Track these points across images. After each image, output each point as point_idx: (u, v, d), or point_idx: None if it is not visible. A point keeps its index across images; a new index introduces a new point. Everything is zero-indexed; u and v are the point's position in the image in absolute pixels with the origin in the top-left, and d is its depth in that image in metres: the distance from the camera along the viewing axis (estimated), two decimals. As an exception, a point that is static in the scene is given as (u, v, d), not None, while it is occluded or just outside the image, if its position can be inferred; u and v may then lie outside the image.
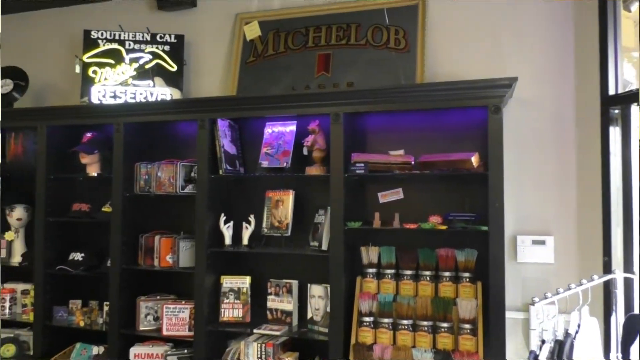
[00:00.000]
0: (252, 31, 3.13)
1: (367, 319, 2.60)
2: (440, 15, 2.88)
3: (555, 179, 2.66)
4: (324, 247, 2.71)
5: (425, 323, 2.52)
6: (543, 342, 1.79)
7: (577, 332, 1.85)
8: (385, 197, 2.82)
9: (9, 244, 3.43)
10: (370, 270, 2.70)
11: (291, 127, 2.85)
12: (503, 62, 2.76)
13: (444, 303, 2.52)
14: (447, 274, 2.59)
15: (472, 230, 2.48)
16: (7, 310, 3.34)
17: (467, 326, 2.45)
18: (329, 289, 2.68)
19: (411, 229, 2.59)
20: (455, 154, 2.52)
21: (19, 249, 3.43)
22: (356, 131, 2.80)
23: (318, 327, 2.75)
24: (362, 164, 2.60)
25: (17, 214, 3.40)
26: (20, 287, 3.38)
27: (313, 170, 2.78)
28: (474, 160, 2.44)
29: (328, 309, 2.68)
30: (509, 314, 2.47)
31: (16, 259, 3.40)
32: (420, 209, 2.71)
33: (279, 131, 2.87)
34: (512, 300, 2.62)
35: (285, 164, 2.78)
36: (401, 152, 2.73)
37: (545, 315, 1.83)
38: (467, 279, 2.55)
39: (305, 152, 2.82)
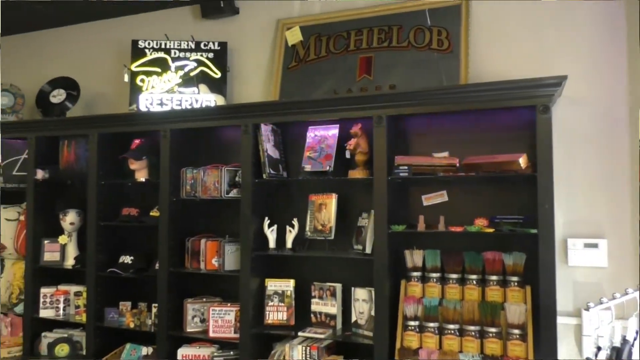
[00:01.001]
0: (294, 36, 3.16)
1: (412, 323, 2.57)
2: (484, 15, 2.84)
3: (607, 179, 2.57)
4: (368, 250, 2.70)
5: (472, 328, 2.47)
6: (599, 348, 1.73)
7: (635, 338, 1.78)
8: (429, 199, 2.79)
9: (63, 247, 3.56)
10: (415, 273, 2.67)
11: (333, 131, 2.86)
12: (550, 61, 2.69)
13: (491, 307, 2.47)
14: (494, 277, 2.53)
15: (520, 233, 2.42)
16: (61, 311, 3.48)
17: (516, 331, 2.39)
18: (373, 292, 2.67)
19: (456, 232, 2.55)
20: (502, 155, 2.47)
21: (72, 252, 3.56)
22: (399, 133, 2.79)
23: (362, 331, 2.74)
24: (406, 167, 2.58)
25: (70, 219, 3.53)
26: (73, 288, 3.51)
27: (356, 174, 2.78)
28: (522, 161, 2.39)
29: (372, 313, 2.67)
30: (559, 320, 2.39)
31: (69, 262, 3.53)
32: (465, 211, 2.66)
33: (322, 135, 2.88)
34: (563, 305, 2.54)
35: (328, 168, 2.79)
36: (445, 154, 2.69)
37: (600, 320, 1.77)
38: (516, 283, 2.49)
39: (347, 155, 2.82)
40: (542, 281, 2.31)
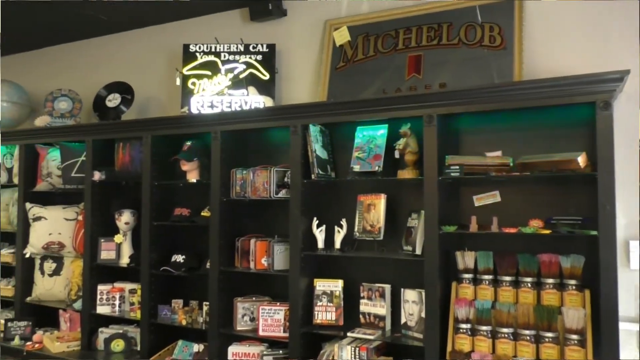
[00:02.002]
0: (342, 36, 3.16)
1: (463, 325, 2.52)
2: (537, 9, 2.75)
3: (673, 179, 2.44)
4: (418, 251, 2.67)
5: (527, 332, 2.40)
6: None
7: None
8: (481, 200, 2.73)
9: (118, 246, 3.68)
10: (466, 275, 2.62)
11: (382, 131, 2.84)
12: (608, 56, 2.58)
13: (547, 311, 2.39)
14: (550, 280, 2.45)
15: (579, 234, 2.33)
16: (116, 308, 3.59)
17: (575, 337, 2.30)
18: (423, 294, 2.63)
19: (509, 234, 2.48)
20: (559, 154, 2.38)
21: (126, 251, 3.67)
22: (449, 133, 2.74)
23: (412, 333, 2.71)
24: (457, 167, 2.53)
25: (125, 218, 3.64)
26: (128, 286, 3.62)
27: (405, 174, 2.75)
28: (581, 160, 2.30)
29: (423, 314, 2.63)
30: (621, 325, 2.29)
31: (124, 260, 3.65)
32: (519, 212, 2.59)
33: (370, 135, 2.86)
34: (625, 310, 2.42)
35: (377, 168, 2.77)
36: (498, 153, 2.63)
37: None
38: (574, 287, 2.40)
39: (397, 155, 2.79)
40: (603, 285, 2.21)
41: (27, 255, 3.97)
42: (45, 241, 3.87)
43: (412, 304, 2.73)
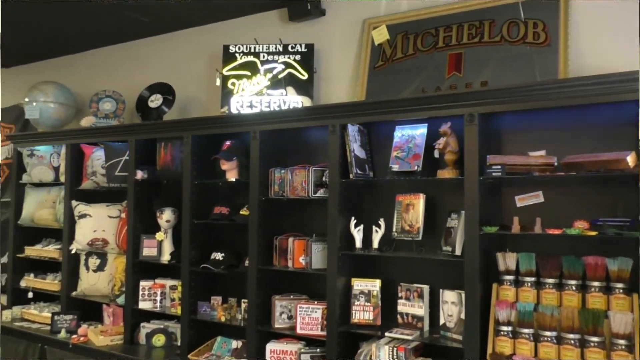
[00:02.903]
0: (381, 35, 3.15)
1: (504, 328, 2.48)
2: (583, 4, 2.68)
3: None
4: (458, 252, 2.64)
5: (571, 336, 2.34)
6: None
7: None
8: (523, 200, 2.67)
9: (159, 243, 3.75)
10: (508, 277, 2.57)
11: (422, 130, 2.82)
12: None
13: (593, 315, 2.32)
14: (596, 283, 2.38)
15: (628, 237, 2.26)
16: (158, 304, 3.67)
17: (622, 342, 2.23)
18: (463, 295, 2.60)
19: (552, 235, 2.43)
20: (606, 153, 2.31)
21: (167, 248, 3.74)
22: (491, 132, 2.69)
23: (451, 334, 2.68)
24: (499, 166, 2.49)
25: (166, 216, 3.72)
26: (169, 282, 3.70)
27: (445, 174, 2.72)
28: (630, 159, 2.22)
29: (462, 316, 2.60)
30: (672, 331, 2.21)
31: (165, 257, 3.72)
32: (563, 213, 2.52)
33: (409, 134, 2.84)
34: (676, 315, 2.34)
35: (416, 168, 2.75)
36: (542, 152, 2.57)
37: None
38: (621, 290, 2.33)
39: (436, 155, 2.77)
40: (653, 289, 2.14)
41: (73, 252, 4.11)
42: (90, 238, 3.99)
43: (451, 305, 2.70)
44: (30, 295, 4.43)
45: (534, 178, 2.53)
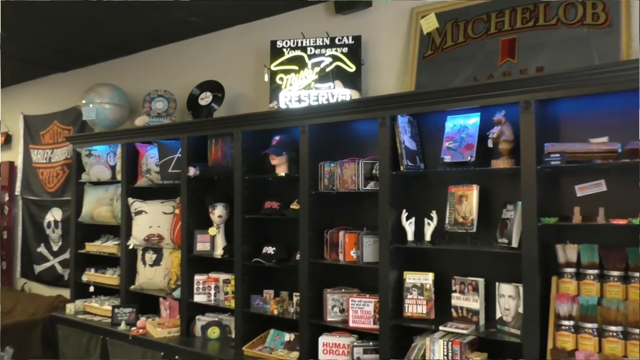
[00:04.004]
0: (429, 24, 3.09)
1: (566, 322, 2.39)
2: (647, -18, 2.54)
3: None
4: (514, 244, 2.56)
5: (638, 331, 2.23)
6: None
7: None
8: (584, 189, 2.56)
9: (212, 238, 3.83)
10: (568, 270, 2.47)
11: (474, 119, 2.74)
12: None
13: (663, 309, 2.21)
14: (665, 276, 2.26)
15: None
16: (212, 297, 3.75)
17: (696, 337, 2.11)
18: (520, 288, 2.52)
19: (616, 225, 2.31)
20: (675, 138, 2.19)
21: (220, 243, 3.81)
22: (547, 119, 2.59)
23: (509, 328, 2.60)
24: (558, 155, 2.39)
25: (218, 212, 3.78)
26: (222, 276, 3.76)
27: (500, 164, 2.64)
28: (702, 144, 2.10)
29: (520, 310, 2.53)
30: None
31: (218, 252, 3.79)
32: (627, 202, 2.40)
33: (461, 124, 2.78)
34: None
35: (469, 158, 2.69)
36: (604, 139, 2.45)
37: None
38: (693, 283, 2.20)
39: (490, 144, 2.69)
40: None
41: (130, 247, 4.25)
42: (146, 233, 4.11)
43: (508, 298, 2.62)
44: (91, 289, 4.62)
45: (595, 166, 2.42)
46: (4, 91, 6.37)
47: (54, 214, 5.56)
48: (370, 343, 3.01)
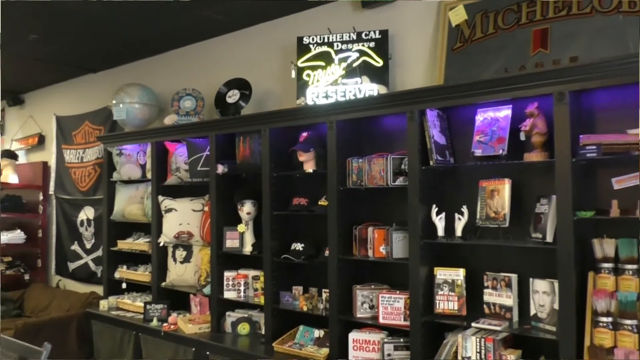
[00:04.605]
0: (458, 16, 3.04)
1: (604, 319, 2.32)
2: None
3: None
4: (549, 238, 2.50)
5: (681, 328, 2.16)
6: None
7: None
8: (621, 182, 2.49)
9: (241, 235, 3.85)
10: (606, 265, 2.40)
11: (505, 112, 2.69)
12: None
13: None
14: None
15: None
16: (242, 293, 3.77)
17: None
18: (555, 284, 2.46)
19: (657, 219, 2.24)
20: None
21: (249, 239, 3.83)
22: (582, 110, 2.52)
23: (544, 325, 2.55)
24: (594, 146, 2.33)
25: (246, 209, 3.81)
26: (251, 273, 3.79)
27: (533, 157, 2.58)
28: None
29: (555, 306, 2.47)
30: None
31: (247, 249, 3.81)
32: (668, 195, 2.33)
33: (492, 117, 2.72)
34: None
35: (500, 151, 2.63)
36: (643, 130, 2.37)
37: None
38: None
39: (522, 137, 2.63)
40: None
41: (161, 244, 4.31)
42: (176, 231, 4.17)
43: (543, 294, 2.57)
44: (124, 286, 4.70)
45: (632, 158, 2.34)
46: (37, 93, 6.54)
47: (87, 213, 5.68)
48: (401, 339, 2.99)
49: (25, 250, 6.19)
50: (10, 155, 6.21)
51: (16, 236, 6.07)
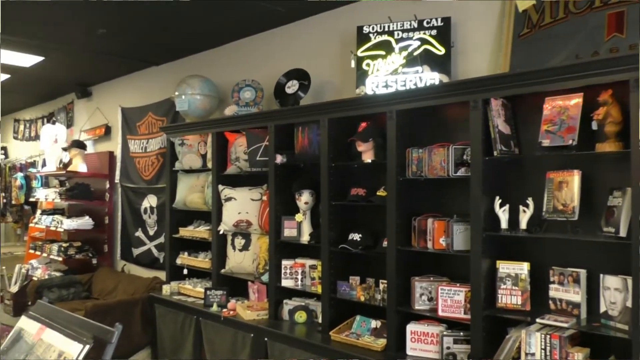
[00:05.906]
0: (525, 1, 2.92)
1: (682, 319, 2.20)
2: None
3: None
4: (622, 233, 2.38)
5: None
6: None
7: None
8: None
9: (299, 224, 3.89)
10: (685, 262, 2.27)
11: (576, 100, 2.57)
12: None
13: None
14: None
15: None
16: (299, 282, 3.81)
17: None
18: (629, 281, 2.35)
19: None
20: None
21: (306, 229, 3.86)
22: (661, 98, 2.38)
23: (615, 323, 2.44)
24: (675, 136, 2.19)
25: (304, 198, 3.83)
26: (309, 262, 3.82)
27: (606, 147, 2.46)
28: None
29: (628, 304, 2.36)
30: None
31: (305, 238, 3.84)
32: None
33: (562, 105, 2.61)
34: None
35: (570, 142, 2.52)
36: None
37: None
38: None
39: (594, 126, 2.51)
40: None
41: (221, 232, 4.42)
42: (235, 219, 4.26)
43: (615, 291, 2.45)
44: (185, 272, 4.86)
45: None
46: (103, 86, 6.84)
47: (150, 201, 5.91)
48: (461, 333, 2.94)
49: (93, 235, 6.51)
50: (79, 145, 6.53)
51: (85, 222, 6.39)
